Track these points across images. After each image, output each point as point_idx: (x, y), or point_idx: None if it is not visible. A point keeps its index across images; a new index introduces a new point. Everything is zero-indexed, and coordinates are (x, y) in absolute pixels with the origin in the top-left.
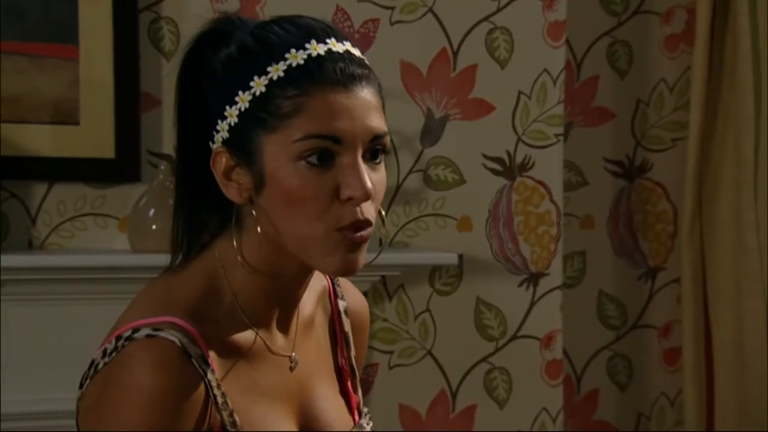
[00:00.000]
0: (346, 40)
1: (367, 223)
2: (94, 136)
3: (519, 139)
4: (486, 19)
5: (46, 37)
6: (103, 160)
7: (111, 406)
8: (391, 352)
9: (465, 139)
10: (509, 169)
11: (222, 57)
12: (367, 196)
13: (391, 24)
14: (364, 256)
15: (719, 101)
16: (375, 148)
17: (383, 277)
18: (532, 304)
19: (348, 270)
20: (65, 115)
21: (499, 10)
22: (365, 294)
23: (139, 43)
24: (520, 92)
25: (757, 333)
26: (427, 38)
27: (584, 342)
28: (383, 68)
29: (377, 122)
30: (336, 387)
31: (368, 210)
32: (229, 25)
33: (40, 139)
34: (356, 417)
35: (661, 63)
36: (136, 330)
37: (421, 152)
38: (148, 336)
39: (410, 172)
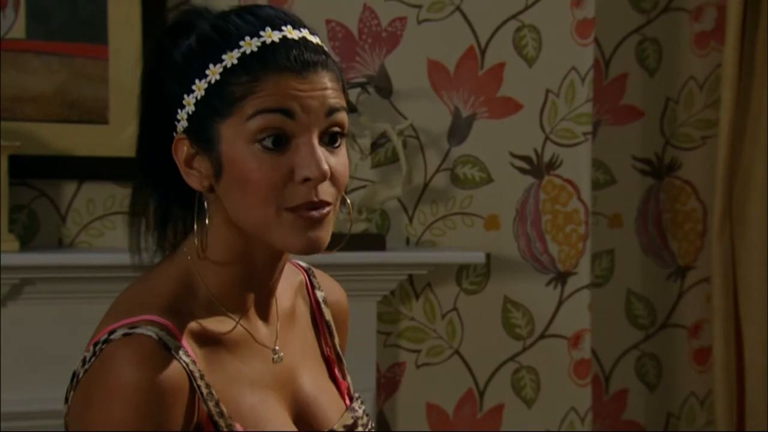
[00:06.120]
0: (304, 27)
1: (322, 204)
2: (123, 136)
3: (547, 138)
4: (514, 17)
5: (75, 36)
6: (133, 160)
7: (99, 408)
8: (418, 351)
9: (492, 137)
10: (537, 167)
11: (182, 47)
12: (323, 176)
13: (419, 22)
14: (327, 234)
15: (750, 99)
16: (333, 132)
17: (410, 276)
18: (560, 303)
19: (312, 248)
20: (94, 114)
21: (527, 8)
22: (392, 293)
23: None
24: (548, 90)
25: None
26: (454, 36)
27: (613, 341)
28: (410, 67)
29: (334, 100)
30: (325, 374)
31: (325, 191)
32: (193, 15)
33: (69, 139)
34: (347, 401)
35: (690, 60)
36: (112, 332)
37: (449, 151)
38: (125, 335)
39: (437, 170)
